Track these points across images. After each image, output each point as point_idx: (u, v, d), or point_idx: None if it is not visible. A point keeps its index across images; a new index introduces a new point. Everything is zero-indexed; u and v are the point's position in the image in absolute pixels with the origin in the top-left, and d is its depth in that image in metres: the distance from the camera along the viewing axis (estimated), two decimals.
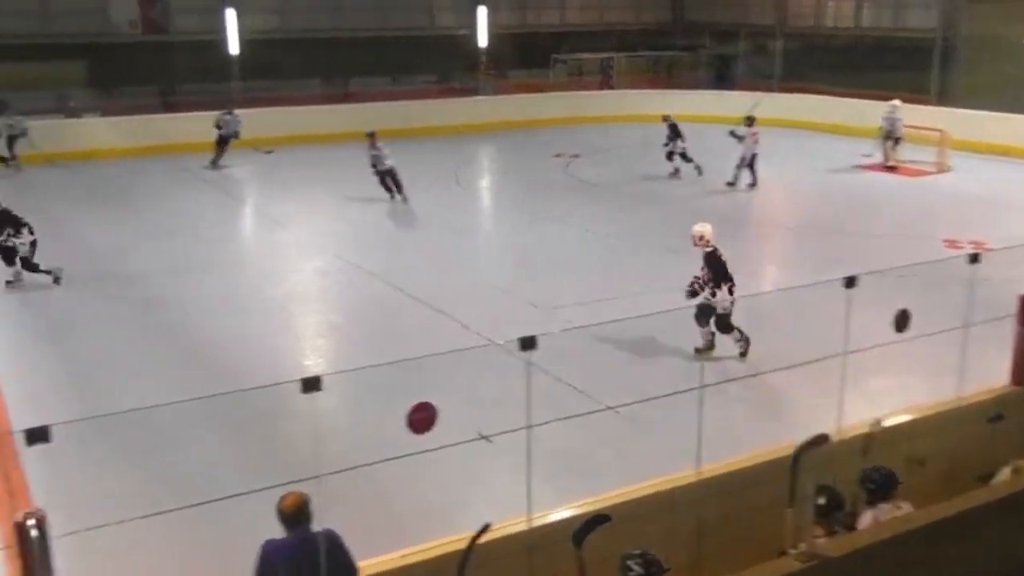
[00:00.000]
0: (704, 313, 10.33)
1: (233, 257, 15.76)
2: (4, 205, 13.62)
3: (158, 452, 8.49)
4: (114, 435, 8.80)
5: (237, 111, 23.38)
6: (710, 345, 10.50)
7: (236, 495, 7.67)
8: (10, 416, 9.16)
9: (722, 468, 6.28)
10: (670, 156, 20.69)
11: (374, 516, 7.18)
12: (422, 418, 4.95)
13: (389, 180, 18.53)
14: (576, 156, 23.58)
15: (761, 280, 14.12)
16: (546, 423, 8.43)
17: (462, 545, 4.92)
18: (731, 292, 10.14)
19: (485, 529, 4.90)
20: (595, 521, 4.94)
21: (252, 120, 24.45)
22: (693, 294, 10.25)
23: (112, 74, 29.17)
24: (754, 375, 10.17)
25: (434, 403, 4.95)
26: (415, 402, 4.91)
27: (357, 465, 8.04)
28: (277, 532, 4.93)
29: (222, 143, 22.72)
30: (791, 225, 17.78)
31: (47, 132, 23.33)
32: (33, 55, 28.79)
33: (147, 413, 8.78)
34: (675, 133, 20.48)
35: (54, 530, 4.46)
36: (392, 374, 9.54)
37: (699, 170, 20.44)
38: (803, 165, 22.89)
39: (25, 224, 13.43)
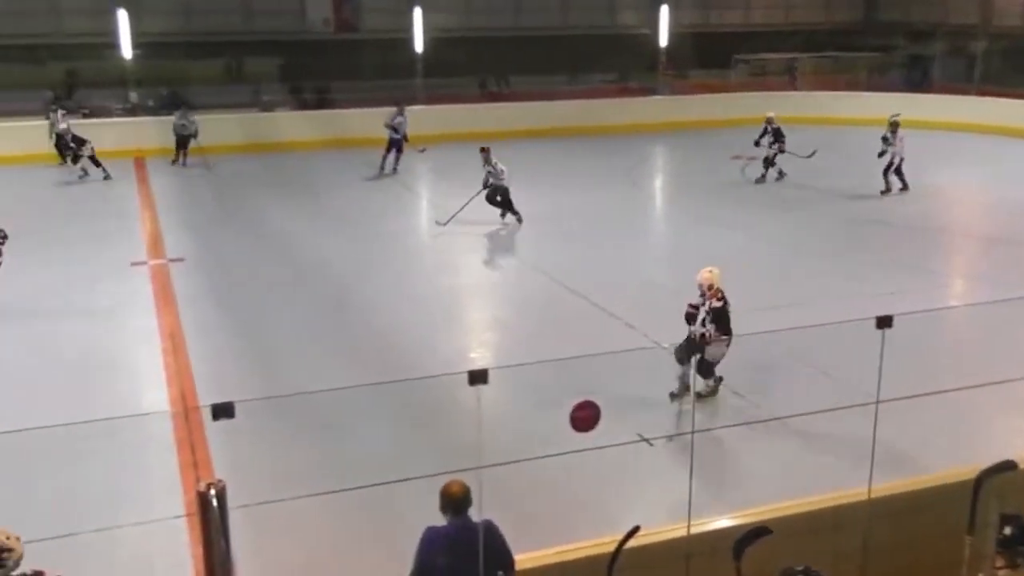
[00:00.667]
0: (688, 352, 9.05)
1: (409, 249, 16.22)
2: None
3: (330, 434, 8.85)
4: (292, 415, 9.24)
5: (408, 108, 23.71)
6: (685, 389, 9.13)
7: (400, 480, 7.89)
8: (198, 392, 9.77)
9: (896, 488, 6.00)
10: (768, 163, 20.38)
11: (532, 510, 7.24)
12: (585, 416, 4.96)
13: (500, 199, 16.94)
14: (754, 159, 22.96)
15: (951, 292, 13.42)
16: (710, 429, 8.31)
17: (613, 547, 4.90)
18: (727, 345, 9.02)
19: (634, 532, 4.86)
20: (756, 533, 4.82)
21: (430, 117, 25.14)
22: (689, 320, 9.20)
23: (304, 70, 30.54)
24: (938, 392, 9.63)
25: (597, 402, 4.95)
26: (579, 400, 4.92)
27: (518, 459, 8.12)
28: (438, 519, 5.05)
29: (395, 146, 22.06)
30: (987, 236, 16.73)
31: (243, 125, 24.74)
32: (233, 52, 30.61)
33: (322, 396, 9.18)
34: (778, 137, 20.13)
35: (232, 501, 4.72)
36: (557, 371, 9.62)
37: (781, 175, 20.42)
38: (1002, 173, 21.53)
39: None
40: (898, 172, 18.82)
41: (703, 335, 8.97)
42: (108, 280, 13.73)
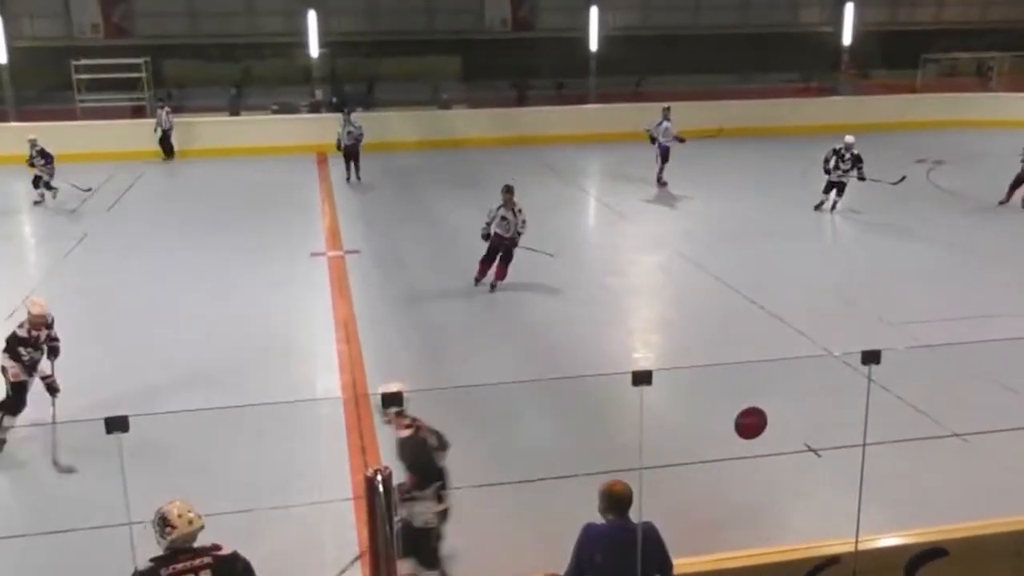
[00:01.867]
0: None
1: (577, 246, 16.26)
2: None
3: (494, 428, 8.99)
4: (457, 407, 9.43)
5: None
6: None
7: (562, 477, 7.94)
8: (368, 380, 10.12)
9: None
10: (837, 189, 17.90)
11: (692, 515, 7.14)
12: (751, 423, 4.86)
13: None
14: (940, 162, 21.86)
15: None
16: (882, 443, 7.95)
17: (780, 558, 4.78)
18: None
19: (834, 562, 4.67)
20: (931, 554, 4.60)
21: (601, 116, 25.11)
22: None
23: (482, 68, 31.13)
24: None
25: (763, 409, 4.84)
26: (745, 406, 4.82)
27: (680, 463, 8.04)
28: (596, 517, 5.05)
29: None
30: None
31: (422, 122, 25.47)
32: (415, 50, 31.55)
33: (487, 389, 9.34)
34: (856, 163, 17.65)
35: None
36: (722, 375, 9.44)
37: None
38: None
39: None
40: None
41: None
42: (289, 269, 14.39)
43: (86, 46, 29.21)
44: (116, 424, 4.20)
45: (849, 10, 30.59)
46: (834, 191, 17.77)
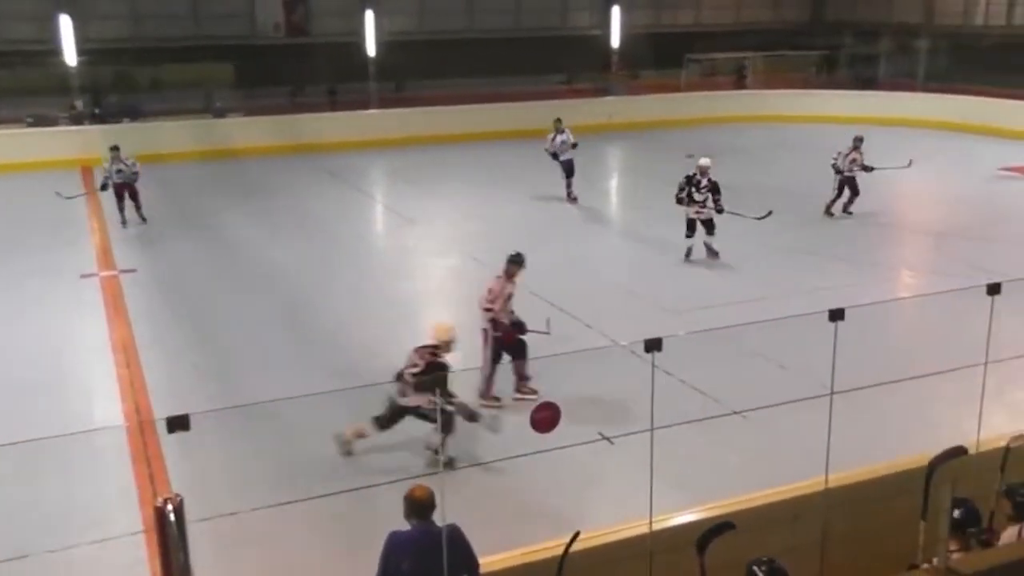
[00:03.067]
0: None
1: (363, 251, 16.13)
2: None
3: (288, 442, 8.75)
4: (249, 425, 9.13)
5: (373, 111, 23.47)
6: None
7: (360, 488, 7.84)
8: (152, 404, 9.62)
9: (851, 478, 6.08)
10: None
11: (494, 513, 7.23)
12: (545, 417, 4.96)
13: None
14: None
15: (900, 285, 13.65)
16: (669, 426, 8.34)
17: (580, 546, 4.91)
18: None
19: (575, 538, 4.88)
20: (719, 528, 4.85)
21: (387, 120, 25.03)
22: None
23: (256, 75, 30.31)
24: (892, 382, 9.77)
25: (557, 403, 4.96)
26: (538, 401, 4.92)
27: (480, 462, 8.13)
28: (402, 524, 5.02)
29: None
30: (932, 230, 17.04)
31: (194, 131, 24.48)
32: (184, 57, 30.29)
33: (279, 404, 9.08)
34: (715, 191, 14.42)
35: (190, 515, 4.65)
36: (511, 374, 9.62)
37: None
38: (946, 167, 21.97)
39: None
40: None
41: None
42: (55, 293, 13.49)
43: None
44: None
45: (616, 13, 31.94)
46: (701, 229, 14.42)
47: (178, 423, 4.34)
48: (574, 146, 18.82)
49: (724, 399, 9.37)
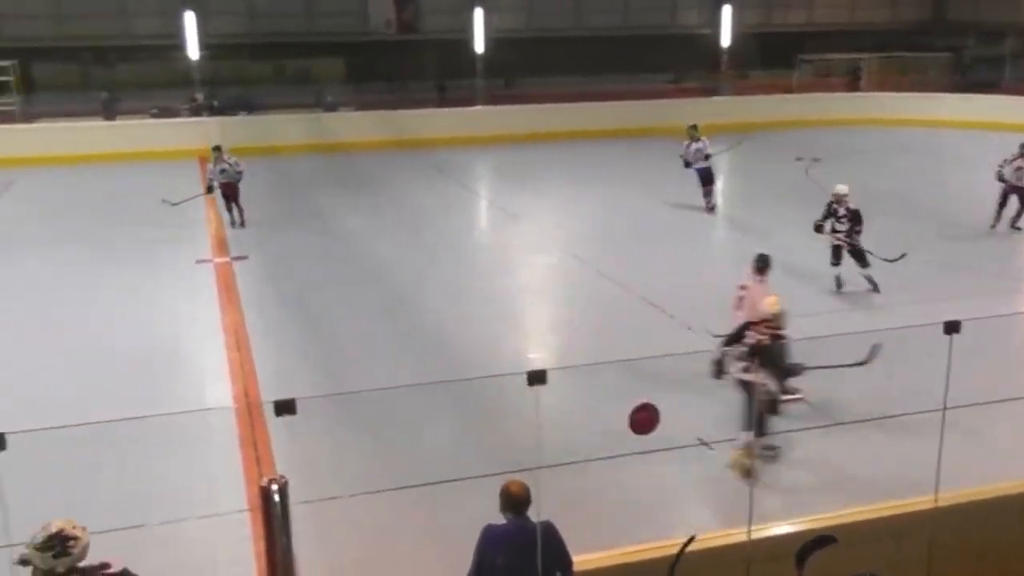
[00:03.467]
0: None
1: (467, 247, 16.28)
2: None
3: (391, 432, 8.91)
4: (353, 412, 9.32)
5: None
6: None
7: (460, 479, 7.92)
8: (261, 388, 9.91)
9: (963, 497, 5.87)
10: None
11: (591, 512, 7.21)
12: (644, 418, 4.94)
13: None
14: (817, 160, 22.66)
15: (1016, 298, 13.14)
16: (774, 434, 8.20)
17: (675, 551, 4.87)
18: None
19: (690, 542, 4.83)
20: (821, 541, 4.75)
21: (494, 117, 25.21)
22: None
23: (366, 71, 30.89)
24: (1015, 399, 9.37)
25: (657, 405, 4.92)
26: (638, 402, 4.89)
27: (577, 460, 8.10)
28: (497, 518, 5.06)
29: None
30: None
31: (306, 125, 25.08)
32: (298, 53, 31.08)
33: (383, 393, 9.24)
34: (855, 220, 13.11)
35: (293, 497, 4.78)
36: (616, 373, 9.57)
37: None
38: None
39: None
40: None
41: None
42: (173, 277, 13.99)
43: None
44: None
45: (726, 12, 31.46)
46: (850, 260, 13.17)
47: (285, 407, 4.47)
48: (707, 157, 18.16)
49: (834, 409, 9.14)
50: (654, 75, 33.40)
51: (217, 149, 17.37)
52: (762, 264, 10.22)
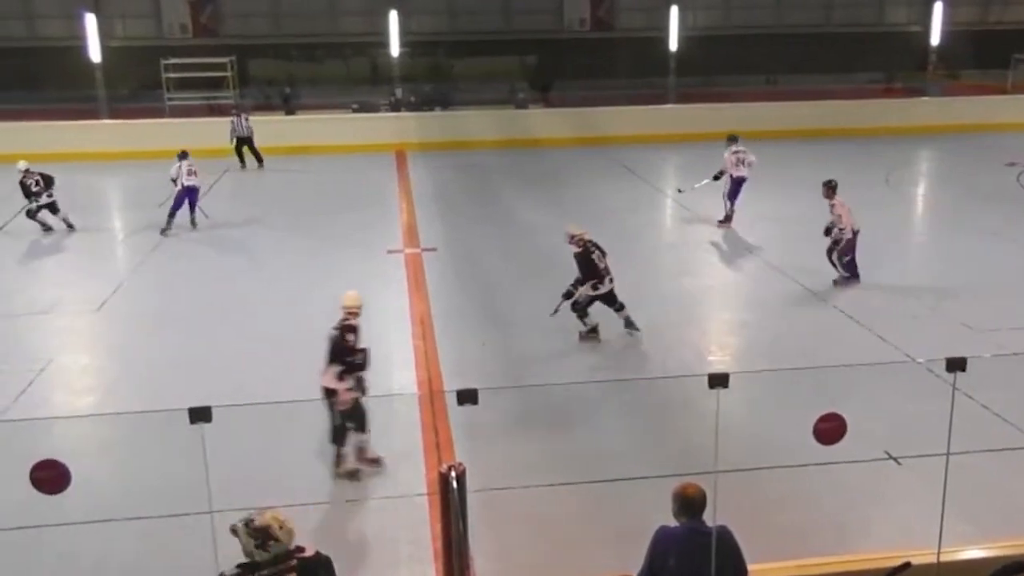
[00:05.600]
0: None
1: (651, 246, 16.13)
2: None
3: (567, 427, 8.98)
4: (531, 405, 9.45)
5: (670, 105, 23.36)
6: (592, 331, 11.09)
7: (633, 478, 7.89)
8: (444, 377, 10.19)
9: None
10: None
11: (768, 521, 7.03)
12: (830, 428, 4.76)
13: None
14: None
15: None
16: (967, 452, 7.75)
17: (858, 566, 4.68)
18: (594, 288, 10.90)
19: (904, 567, 4.59)
20: (1016, 567, 4.46)
21: (686, 115, 24.87)
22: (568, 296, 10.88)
23: (559, 68, 31.13)
24: None
25: (843, 415, 4.75)
26: (823, 412, 4.73)
27: (756, 467, 7.92)
28: (670, 519, 5.01)
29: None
30: None
31: (497, 120, 25.57)
32: (492, 50, 31.70)
33: (561, 388, 9.33)
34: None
35: (470, 484, 4.89)
36: (801, 380, 9.29)
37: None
38: None
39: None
40: None
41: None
42: (366, 266, 14.56)
43: (175, 46, 29.99)
44: (199, 415, 4.30)
45: (938, 9, 29.79)
46: None
47: (468, 396, 4.58)
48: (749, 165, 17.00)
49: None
50: (858, 75, 32.05)
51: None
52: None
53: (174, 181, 17.04)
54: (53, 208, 16.94)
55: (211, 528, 4.53)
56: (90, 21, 26.11)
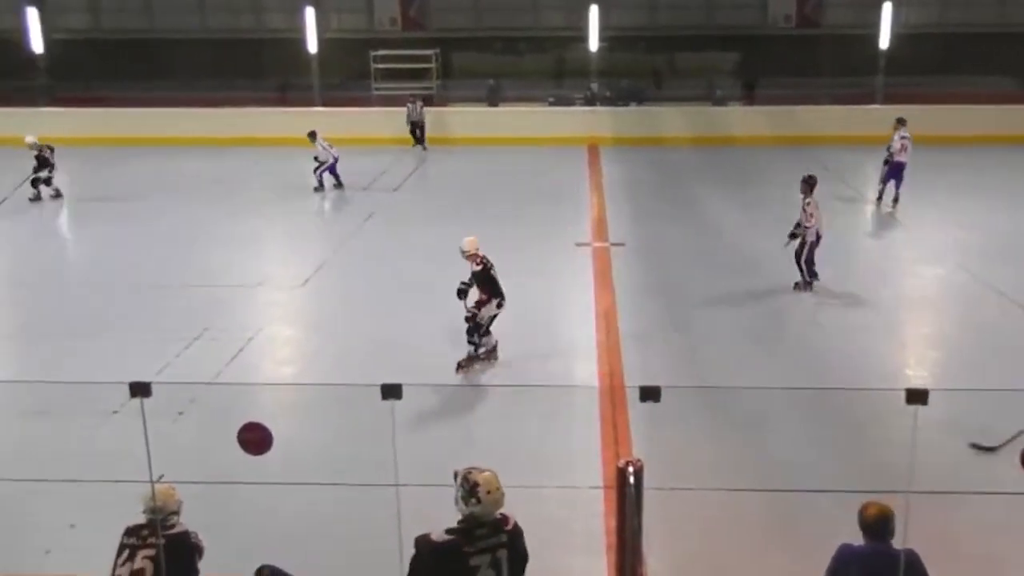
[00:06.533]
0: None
1: (847, 252, 15.49)
2: None
3: (750, 431, 8.80)
4: (713, 407, 9.31)
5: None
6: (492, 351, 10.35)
7: (817, 491, 7.65)
8: (624, 372, 10.18)
9: None
10: None
11: (962, 549, 6.66)
12: None
13: None
14: None
15: None
16: None
17: None
18: (499, 306, 10.19)
19: None
20: None
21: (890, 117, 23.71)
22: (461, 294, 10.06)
23: (761, 66, 30.30)
24: None
25: None
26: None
27: (954, 491, 7.51)
28: (853, 537, 4.84)
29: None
30: None
31: (693, 117, 25.24)
32: (692, 46, 31.22)
33: (746, 392, 9.15)
34: None
35: (647, 481, 4.88)
36: (1006, 401, 8.74)
37: None
38: None
39: None
40: None
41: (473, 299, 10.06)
42: (554, 257, 14.71)
43: (384, 38, 31.23)
44: (391, 391, 4.50)
45: None
46: None
47: (651, 393, 4.57)
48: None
49: None
50: None
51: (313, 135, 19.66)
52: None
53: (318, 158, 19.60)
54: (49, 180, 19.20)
55: (396, 500, 4.73)
56: (309, 15, 27.61)
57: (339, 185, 19.98)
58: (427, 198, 19.68)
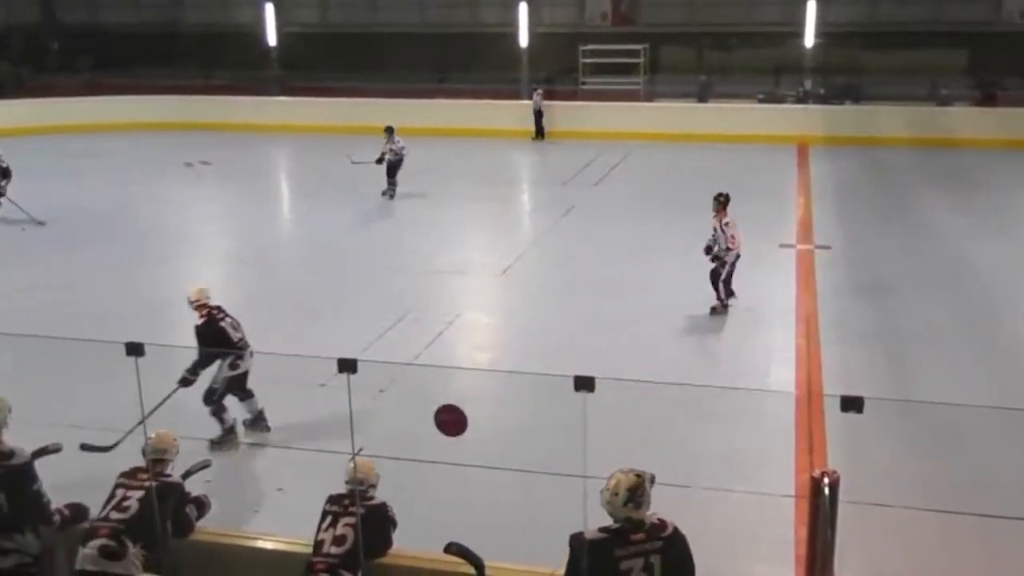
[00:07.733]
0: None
1: None
2: None
3: (958, 450, 8.34)
4: (917, 421, 8.88)
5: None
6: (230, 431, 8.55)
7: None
8: (824, 379, 9.86)
9: None
10: None
11: None
12: None
13: None
14: None
15: None
16: None
17: None
18: (233, 367, 8.41)
19: None
20: None
21: None
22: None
23: (994, 64, 28.37)
24: None
25: None
26: None
27: None
28: None
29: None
30: None
31: (912, 117, 23.97)
32: (915, 43, 29.59)
33: (954, 409, 8.66)
34: None
35: (842, 493, 4.73)
36: None
37: None
38: None
39: None
40: None
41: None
42: (756, 257, 14.35)
43: (594, 33, 31.38)
44: (584, 383, 4.58)
45: None
46: None
47: (853, 404, 4.40)
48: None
49: None
50: None
51: (389, 130, 18.82)
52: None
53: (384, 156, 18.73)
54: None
55: (583, 492, 4.79)
56: (522, 10, 28.14)
57: (392, 187, 19.01)
58: (628, 194, 19.65)
